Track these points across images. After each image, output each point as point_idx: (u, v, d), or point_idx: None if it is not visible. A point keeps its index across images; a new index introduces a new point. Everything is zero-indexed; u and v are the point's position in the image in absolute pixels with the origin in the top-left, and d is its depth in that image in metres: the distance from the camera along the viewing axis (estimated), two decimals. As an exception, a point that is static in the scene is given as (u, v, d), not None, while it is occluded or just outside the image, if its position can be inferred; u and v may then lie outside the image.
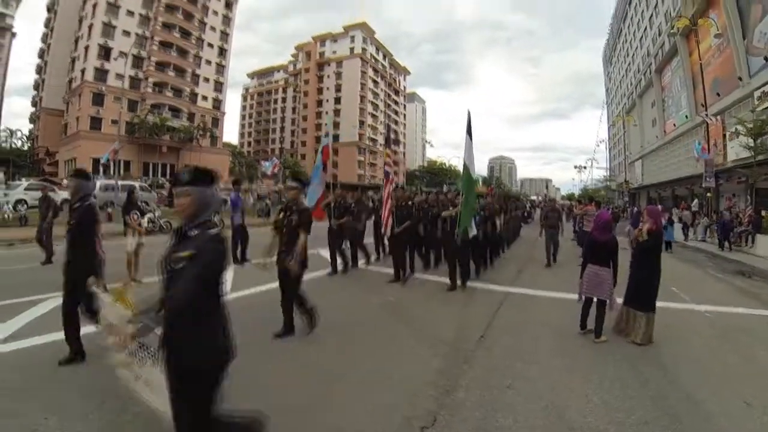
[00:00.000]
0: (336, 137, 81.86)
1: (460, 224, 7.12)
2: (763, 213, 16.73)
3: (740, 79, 23.30)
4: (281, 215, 5.02)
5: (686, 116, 32.54)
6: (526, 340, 5.11)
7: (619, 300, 5.31)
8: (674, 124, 35.91)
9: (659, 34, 40.37)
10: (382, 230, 9.01)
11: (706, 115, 23.40)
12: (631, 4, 52.09)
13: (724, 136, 24.25)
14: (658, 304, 5.23)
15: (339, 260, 8.99)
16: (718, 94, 25.91)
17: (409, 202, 8.81)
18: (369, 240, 10.47)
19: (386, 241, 9.84)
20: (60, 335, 4.20)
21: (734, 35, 23.89)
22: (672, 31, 32.29)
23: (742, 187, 22.85)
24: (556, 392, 3.75)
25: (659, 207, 6.80)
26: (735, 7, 24.01)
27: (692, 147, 26.24)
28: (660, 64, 39.28)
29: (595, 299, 5.21)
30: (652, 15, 43.24)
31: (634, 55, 52.65)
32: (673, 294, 7.65)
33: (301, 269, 4.87)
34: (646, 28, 45.90)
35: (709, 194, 23.48)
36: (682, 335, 5.50)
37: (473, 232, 7.40)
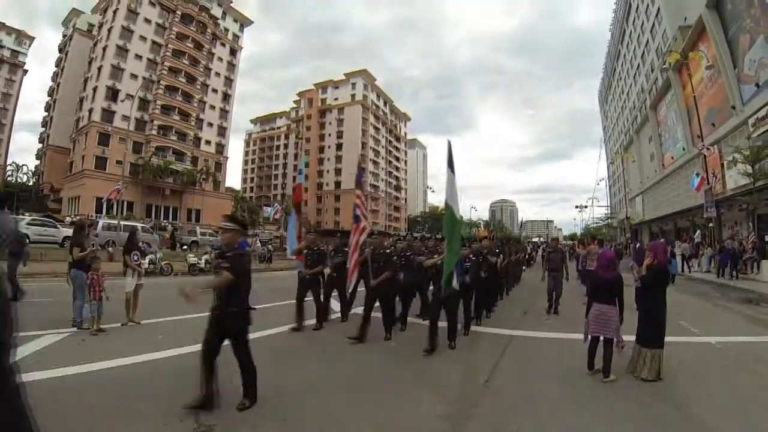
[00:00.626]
0: (338, 184, 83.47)
1: (444, 273, 6.12)
2: (767, 238, 16.57)
3: (734, 107, 23.57)
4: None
5: (683, 148, 32.77)
6: (533, 383, 4.92)
7: (627, 338, 5.15)
8: (672, 157, 36.13)
9: (652, 71, 41.23)
10: (347, 283, 7.69)
11: (703, 146, 23.53)
12: (623, 43, 53.53)
13: (722, 165, 24.29)
14: (667, 339, 5.08)
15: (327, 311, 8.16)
16: (713, 125, 26.16)
17: (388, 250, 7.59)
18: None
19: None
20: (49, 374, 4.41)
21: (725, 65, 24.33)
22: (664, 66, 32.94)
23: (743, 214, 22.69)
24: None
25: (662, 240, 6.64)
26: (723, 38, 24.58)
27: (691, 179, 26.28)
28: (654, 100, 39.91)
29: (601, 338, 5.07)
30: (644, 52, 44.32)
31: (629, 92, 53.64)
32: (682, 328, 7.51)
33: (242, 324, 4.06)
34: (639, 65, 46.96)
35: (710, 224, 23.28)
36: (694, 369, 5.36)
37: (455, 282, 6.19)
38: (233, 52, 67.63)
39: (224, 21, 65.75)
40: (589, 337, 5.16)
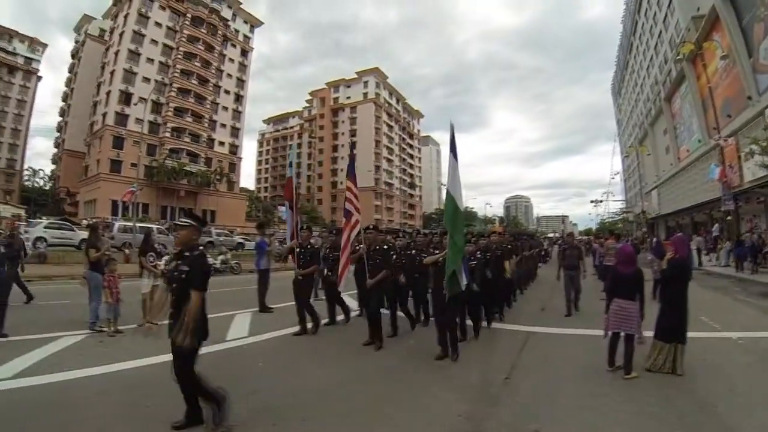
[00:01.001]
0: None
1: (446, 272, 5.47)
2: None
3: (749, 98, 23.10)
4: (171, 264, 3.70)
5: (699, 140, 32.23)
6: (553, 380, 4.87)
7: (648, 333, 5.09)
8: (688, 150, 35.57)
9: (665, 62, 40.60)
10: (338, 283, 7.00)
11: (719, 137, 23.12)
12: (636, 35, 52.85)
13: (739, 157, 23.84)
14: (688, 334, 5.02)
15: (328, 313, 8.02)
16: (729, 116, 25.66)
17: (385, 246, 6.88)
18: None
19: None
20: (69, 375, 4.59)
21: (740, 55, 23.85)
22: (678, 57, 32.43)
23: (762, 207, 22.31)
24: None
25: (683, 235, 6.53)
26: (737, 28, 24.08)
27: (708, 171, 25.84)
28: (669, 92, 39.33)
29: (622, 334, 5.00)
30: (657, 44, 43.67)
31: (642, 84, 52.94)
32: (702, 323, 7.39)
33: (194, 342, 3.33)
34: (652, 57, 46.29)
35: (729, 218, 22.90)
36: (716, 365, 5.27)
37: (464, 282, 5.61)
38: (244, 53, 68.01)
39: (234, 22, 66.09)
40: (609, 333, 5.10)
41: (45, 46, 71.31)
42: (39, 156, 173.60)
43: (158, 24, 55.60)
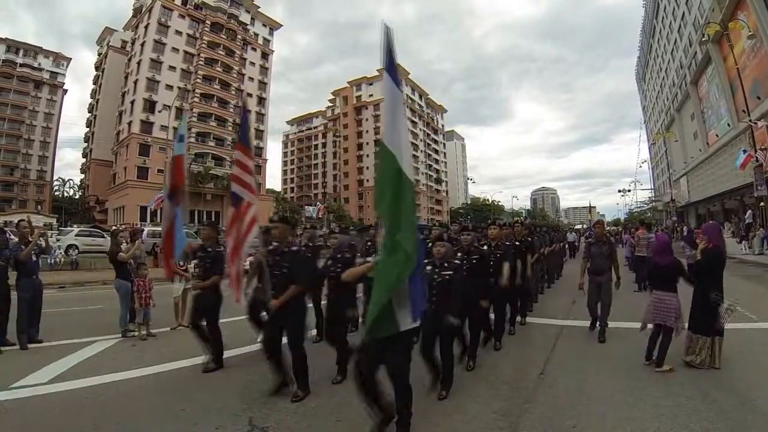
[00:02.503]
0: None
1: (373, 299, 3.19)
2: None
3: (780, 78, 22.32)
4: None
5: (728, 125, 31.23)
6: (588, 375, 4.81)
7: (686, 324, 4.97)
8: (717, 135, 34.50)
9: (690, 45, 39.38)
10: (235, 296, 5.11)
11: (750, 120, 22.37)
12: (658, 18, 51.37)
13: (772, 140, 23.03)
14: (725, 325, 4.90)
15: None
16: (759, 97, 24.80)
17: (297, 248, 4.64)
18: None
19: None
20: (101, 379, 4.70)
21: (767, 33, 23.00)
22: (703, 39, 31.43)
23: (796, 192, 21.50)
24: (625, 430, 3.51)
25: (716, 223, 6.32)
26: (764, 5, 23.20)
27: (737, 156, 25.06)
28: (695, 75, 38.21)
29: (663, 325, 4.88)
30: (680, 26, 42.35)
31: (667, 69, 51.47)
32: (738, 313, 7.08)
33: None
34: (676, 41, 44.93)
35: (762, 204, 22.16)
36: (755, 357, 5.13)
37: (410, 318, 3.23)
38: (265, 56, 68.71)
39: (253, 26, 66.77)
40: (648, 326, 5.01)
41: (69, 59, 73.37)
42: (68, 166, 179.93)
43: (178, 32, 56.62)
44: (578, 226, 59.92)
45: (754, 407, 3.79)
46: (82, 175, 70.33)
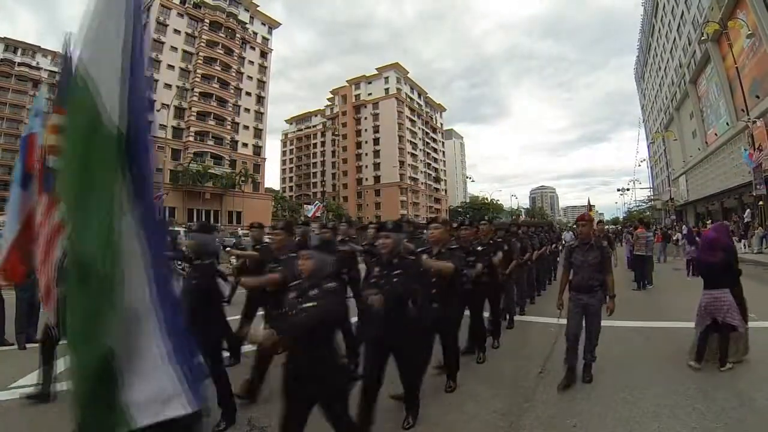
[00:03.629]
0: (377, 178, 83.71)
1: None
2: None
3: (779, 77, 22.36)
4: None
5: (727, 123, 31.26)
6: None
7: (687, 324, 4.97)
8: (716, 134, 34.53)
9: (689, 44, 39.39)
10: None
11: (748, 119, 22.40)
12: (657, 17, 51.37)
13: (770, 139, 23.06)
14: None
15: None
16: (758, 96, 24.83)
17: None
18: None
19: None
20: None
21: (766, 33, 23.03)
22: (702, 38, 31.48)
23: (795, 191, 21.54)
24: (626, 429, 3.52)
25: (721, 222, 6.33)
26: (763, 4, 23.23)
27: (738, 155, 25.12)
28: (694, 74, 38.23)
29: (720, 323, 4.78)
30: (679, 25, 42.34)
31: (666, 68, 51.48)
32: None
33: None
34: (675, 39, 44.94)
35: (761, 203, 22.21)
36: (755, 356, 5.05)
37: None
38: (264, 55, 68.58)
39: (252, 25, 66.64)
40: (698, 327, 4.92)
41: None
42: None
43: (177, 31, 56.49)
44: (575, 226, 59.55)
45: (754, 407, 3.80)
46: (82, 175, 70.20)
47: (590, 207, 32.58)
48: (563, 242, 19.80)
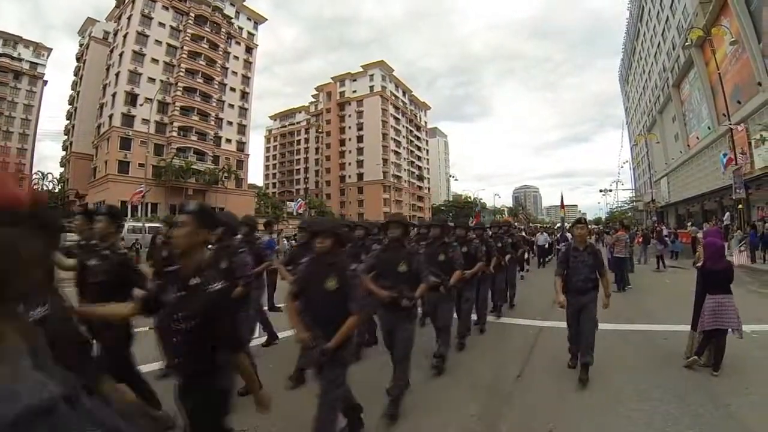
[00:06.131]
0: (360, 176, 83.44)
1: None
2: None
3: (760, 84, 22.77)
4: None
5: (708, 127, 31.83)
6: (566, 377, 4.82)
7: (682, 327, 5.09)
8: (697, 137, 35.15)
9: (673, 48, 40.04)
10: None
11: (729, 124, 22.79)
12: (643, 21, 52.08)
13: (750, 144, 23.50)
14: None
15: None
16: (739, 102, 25.31)
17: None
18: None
19: None
20: None
21: (749, 40, 23.51)
22: (686, 43, 32.01)
23: (773, 195, 21.99)
24: None
25: (714, 228, 6.50)
26: (746, 12, 23.73)
27: (718, 159, 25.54)
28: (677, 78, 38.84)
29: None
30: (664, 30, 43.00)
31: (650, 71, 52.23)
32: None
33: None
34: (659, 44, 45.62)
35: (740, 206, 22.61)
36: (730, 360, 5.03)
37: None
38: (249, 50, 67.89)
39: (238, 20, 65.93)
40: (698, 329, 5.01)
41: (50, 50, 71.56)
42: (48, 159, 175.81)
43: (162, 24, 55.65)
44: (558, 225, 58.89)
45: (729, 412, 3.82)
46: (62, 169, 68.77)
47: (563, 204, 32.69)
48: (536, 245, 18.67)
